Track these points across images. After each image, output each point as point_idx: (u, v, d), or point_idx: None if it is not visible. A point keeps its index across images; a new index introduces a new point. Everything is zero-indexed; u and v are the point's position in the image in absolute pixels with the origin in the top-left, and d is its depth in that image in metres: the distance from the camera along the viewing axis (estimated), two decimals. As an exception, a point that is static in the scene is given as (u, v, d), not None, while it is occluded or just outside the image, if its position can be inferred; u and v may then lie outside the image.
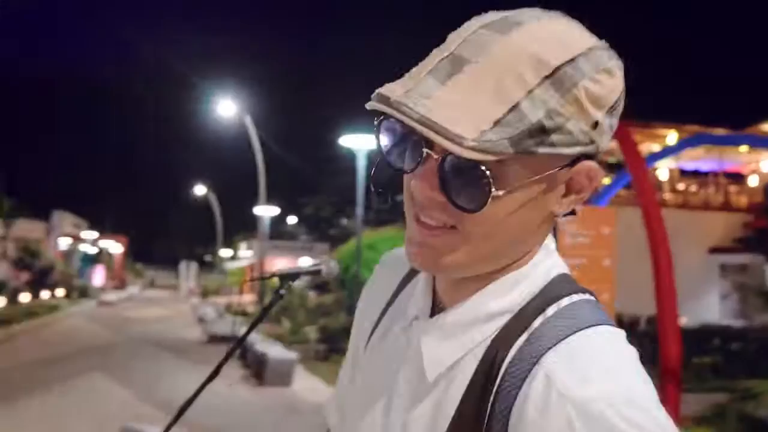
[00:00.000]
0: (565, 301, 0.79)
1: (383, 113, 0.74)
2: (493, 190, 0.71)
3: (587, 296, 0.81)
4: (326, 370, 11.90)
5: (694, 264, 17.11)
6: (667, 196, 20.75)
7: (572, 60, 0.72)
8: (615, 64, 0.76)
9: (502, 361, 0.76)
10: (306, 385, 11.03)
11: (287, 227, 52.24)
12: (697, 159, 21.26)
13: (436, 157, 0.73)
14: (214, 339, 16.41)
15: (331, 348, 13.50)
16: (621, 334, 0.77)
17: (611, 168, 23.20)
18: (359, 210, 11.87)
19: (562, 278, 0.82)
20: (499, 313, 0.80)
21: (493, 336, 0.79)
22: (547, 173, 0.74)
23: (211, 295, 42.71)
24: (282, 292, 1.90)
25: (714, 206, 20.88)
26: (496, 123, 0.69)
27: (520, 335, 0.77)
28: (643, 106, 18.88)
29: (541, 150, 0.71)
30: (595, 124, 0.74)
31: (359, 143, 11.99)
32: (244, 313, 23.02)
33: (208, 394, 1.29)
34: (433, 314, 0.86)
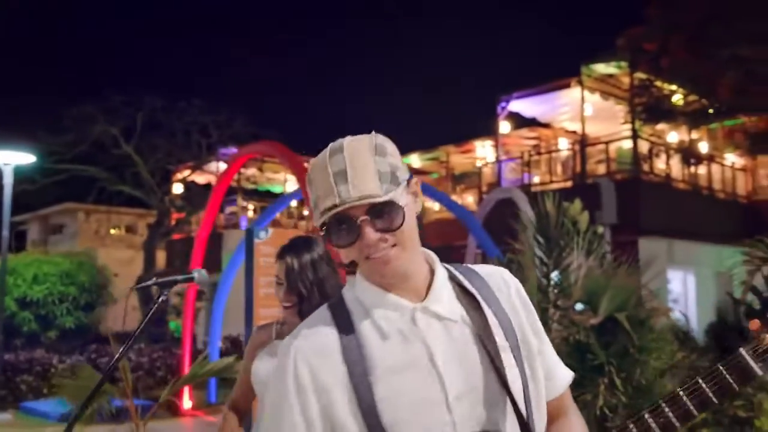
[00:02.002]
0: (454, 265, 1.48)
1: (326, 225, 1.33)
2: (403, 208, 1.31)
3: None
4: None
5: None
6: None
7: (379, 142, 1.34)
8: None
9: (469, 291, 1.40)
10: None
11: None
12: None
13: (364, 218, 1.29)
14: None
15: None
16: None
17: (264, 195, 24.26)
18: (5, 231, 10.68)
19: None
20: (445, 278, 1.41)
21: (453, 288, 1.41)
22: (408, 191, 1.36)
23: None
24: (163, 298, 2.09)
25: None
26: (380, 180, 1.30)
27: (459, 279, 1.42)
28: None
29: (400, 179, 1.33)
30: (405, 164, 1.38)
31: (6, 159, 10.79)
32: None
33: None
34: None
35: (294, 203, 21.68)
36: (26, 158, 11.16)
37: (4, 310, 11.64)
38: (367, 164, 1.30)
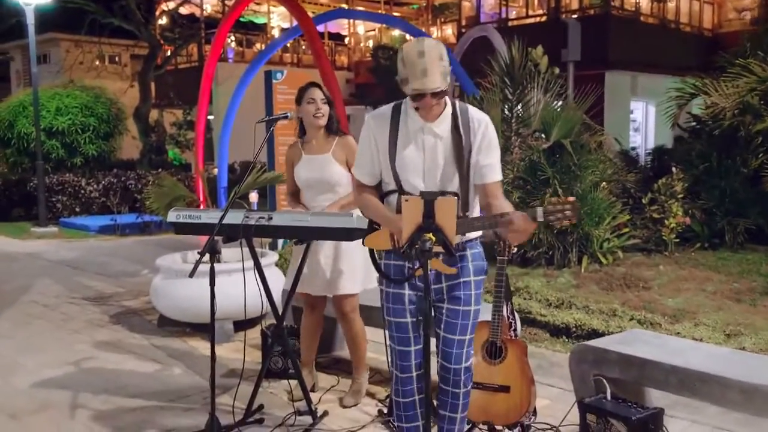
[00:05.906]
0: (458, 102, 2.76)
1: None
2: (445, 91, 2.58)
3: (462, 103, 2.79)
4: None
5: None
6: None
7: (442, 51, 2.55)
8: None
9: (458, 119, 2.69)
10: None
11: None
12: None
13: (428, 94, 2.53)
14: None
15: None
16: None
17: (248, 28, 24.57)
18: (34, 68, 11.70)
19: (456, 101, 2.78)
20: (449, 112, 2.70)
21: (452, 117, 2.70)
22: (448, 77, 2.57)
23: None
24: (272, 129, 3.54)
25: (324, 64, 24.00)
26: (440, 77, 2.51)
27: (455, 112, 2.71)
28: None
29: (447, 73, 2.54)
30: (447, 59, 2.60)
31: (30, -1, 11.63)
32: None
33: None
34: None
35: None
36: (44, -2, 11.92)
37: (41, 141, 12.84)
38: (436, 68, 2.48)
